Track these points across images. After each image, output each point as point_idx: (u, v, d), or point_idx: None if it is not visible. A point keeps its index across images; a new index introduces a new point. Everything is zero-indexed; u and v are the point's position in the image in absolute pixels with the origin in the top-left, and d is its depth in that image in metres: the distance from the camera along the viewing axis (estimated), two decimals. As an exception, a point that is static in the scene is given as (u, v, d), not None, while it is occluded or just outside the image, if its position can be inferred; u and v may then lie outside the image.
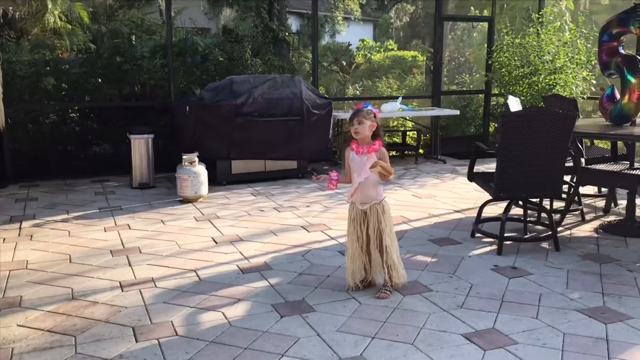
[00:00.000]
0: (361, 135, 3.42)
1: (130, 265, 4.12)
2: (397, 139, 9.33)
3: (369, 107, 3.50)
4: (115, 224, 5.22)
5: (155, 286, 3.72)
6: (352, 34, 17.82)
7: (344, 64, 10.16)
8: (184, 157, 6.06)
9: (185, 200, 6.03)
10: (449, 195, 6.28)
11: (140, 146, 6.73)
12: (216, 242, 4.62)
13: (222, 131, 6.69)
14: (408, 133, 8.96)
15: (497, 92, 9.48)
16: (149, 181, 6.77)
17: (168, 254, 4.34)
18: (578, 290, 3.58)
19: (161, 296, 3.56)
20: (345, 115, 7.88)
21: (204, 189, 6.05)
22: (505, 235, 4.32)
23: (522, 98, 8.60)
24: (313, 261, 4.15)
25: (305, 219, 5.31)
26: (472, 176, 4.64)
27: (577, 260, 4.15)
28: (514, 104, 5.23)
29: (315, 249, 4.43)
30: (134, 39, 9.04)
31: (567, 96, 8.42)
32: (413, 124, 9.15)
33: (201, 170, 6.04)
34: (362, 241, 3.54)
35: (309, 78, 8.74)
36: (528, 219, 4.76)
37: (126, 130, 6.89)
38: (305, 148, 7.11)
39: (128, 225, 5.17)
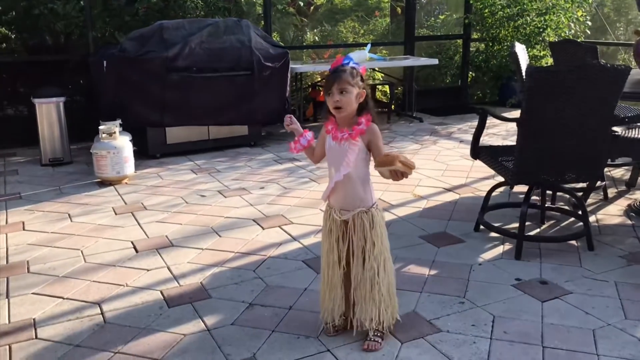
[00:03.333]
0: (345, 111, 2.23)
1: (7, 296, 2.88)
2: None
3: (352, 63, 2.29)
4: (6, 222, 3.93)
5: (35, 337, 2.51)
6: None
7: (302, 4, 8.76)
8: (100, 127, 4.73)
9: (105, 183, 4.74)
10: (434, 165, 5.16)
11: (48, 113, 5.34)
12: (137, 250, 3.40)
13: (152, 92, 5.35)
14: (377, 87, 7.75)
15: (476, 36, 8.31)
16: (62, 156, 5.42)
17: (66, 273, 3.11)
18: (643, 322, 2.54)
19: (40, 359, 2.35)
20: (304, 67, 6.60)
21: (129, 166, 4.76)
22: (526, 233, 3.24)
23: (507, 44, 7.47)
24: (268, 280, 2.99)
25: (259, 207, 4.12)
26: (478, 152, 3.50)
27: (621, 264, 3.11)
28: (523, 55, 4.07)
29: (272, 258, 3.26)
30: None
31: (560, 40, 7.33)
32: (383, 76, 7.93)
33: (124, 144, 4.73)
34: (343, 263, 2.39)
35: (260, 23, 7.35)
36: (539, 204, 3.70)
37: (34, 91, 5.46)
38: (257, 109, 5.84)
39: (22, 223, 3.89)
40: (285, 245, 3.43)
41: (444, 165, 5.14)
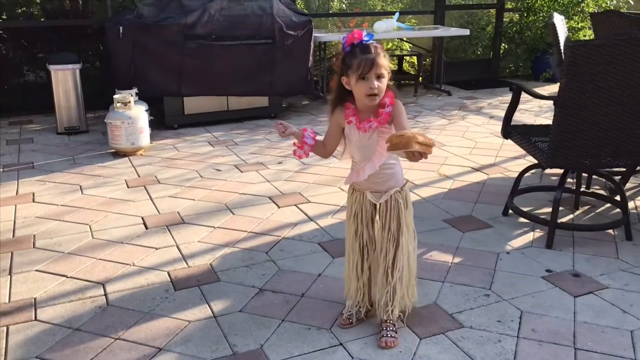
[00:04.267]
0: (379, 98, 2.04)
1: (10, 272, 2.78)
2: (392, 65, 7.82)
3: (372, 40, 2.07)
4: (17, 193, 3.82)
5: (35, 318, 2.40)
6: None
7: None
8: (115, 96, 4.57)
9: (119, 153, 4.61)
10: (462, 142, 4.91)
11: (64, 80, 5.20)
12: (146, 227, 3.27)
13: (169, 60, 5.17)
14: (405, 58, 7.44)
15: (510, 6, 7.91)
16: (78, 125, 5.30)
17: (72, 250, 2.99)
18: (687, 324, 2.32)
19: (36, 343, 2.23)
20: (328, 36, 6.34)
21: (144, 138, 4.61)
22: (559, 220, 3.01)
23: (542, 15, 7.09)
24: (281, 263, 2.83)
25: (275, 183, 3.94)
26: (509, 131, 3.26)
27: (663, 257, 2.87)
28: (561, 26, 3.77)
29: (286, 239, 3.09)
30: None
31: (601, 11, 6.92)
32: (410, 46, 7.61)
33: (139, 114, 4.58)
34: (373, 247, 2.23)
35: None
36: (574, 187, 3.45)
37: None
38: (278, 80, 5.62)
39: (33, 195, 3.78)
40: (301, 225, 3.26)
41: (473, 143, 4.89)
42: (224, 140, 5.05)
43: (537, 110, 5.98)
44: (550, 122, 2.99)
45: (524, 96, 3.32)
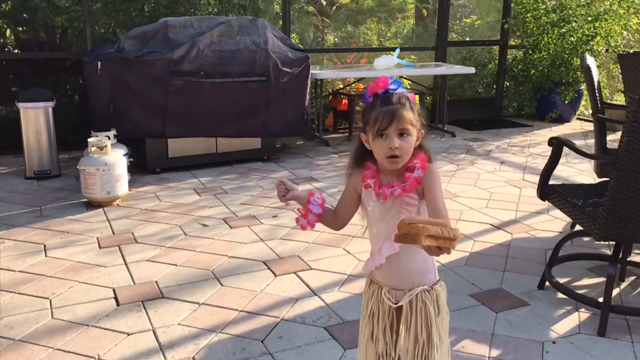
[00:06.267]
0: (403, 161, 1.56)
1: (-58, 368, 2.22)
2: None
3: (401, 88, 1.60)
4: (-32, 254, 3.28)
5: None
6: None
7: (324, 3, 8.07)
8: (90, 139, 4.07)
9: (93, 204, 4.08)
10: (475, 193, 4.45)
11: (35, 118, 4.69)
12: (118, 302, 2.73)
13: (153, 98, 4.69)
14: (405, 96, 7.01)
15: (514, 43, 7.57)
16: (49, 168, 4.77)
17: (25, 335, 2.45)
18: None
19: None
20: (326, 73, 5.92)
21: (122, 186, 4.10)
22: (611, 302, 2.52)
23: (551, 52, 6.75)
24: (281, 357, 2.30)
25: (270, 243, 3.43)
26: (547, 192, 2.79)
27: None
28: (595, 70, 3.35)
29: (285, 321, 2.57)
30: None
31: (604, 50, 6.60)
32: (410, 83, 7.21)
33: (117, 159, 4.07)
34: (394, 357, 1.72)
35: (277, 22, 6.67)
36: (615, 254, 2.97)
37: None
38: (272, 120, 5.16)
39: (-13, 256, 3.24)
40: (302, 302, 2.74)
41: (487, 194, 4.42)
42: (211, 187, 4.55)
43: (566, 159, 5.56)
44: (586, 176, 2.53)
45: (537, 135, 2.86)
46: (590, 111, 7.86)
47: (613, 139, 5.15)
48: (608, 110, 3.83)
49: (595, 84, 3.26)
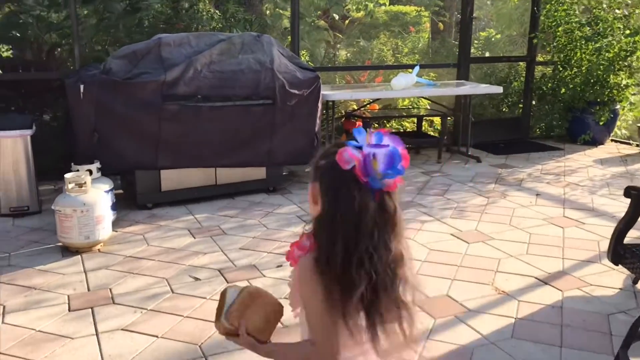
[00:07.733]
0: None
1: None
2: (409, 126, 6.83)
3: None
4: None
5: None
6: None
7: (336, 17, 7.55)
8: (67, 175, 3.53)
9: (70, 249, 3.54)
10: (512, 234, 3.85)
11: (13, 148, 4.17)
12: (78, 394, 2.17)
13: (143, 125, 4.15)
14: (424, 118, 6.46)
15: (542, 59, 6.99)
16: (28, 204, 4.24)
17: None
18: None
19: None
20: (339, 94, 5.39)
21: (103, 229, 3.55)
22: None
23: (583, 69, 6.17)
24: None
25: (273, 305, 2.85)
26: (621, 254, 2.19)
27: None
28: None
29: None
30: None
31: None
32: (430, 103, 6.65)
33: (98, 198, 3.53)
34: None
35: (286, 39, 6.13)
36: None
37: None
38: (278, 147, 4.61)
39: None
40: (311, 394, 2.15)
41: (526, 235, 3.82)
42: (208, 226, 3.99)
43: (590, 186, 4.96)
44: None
45: (567, 161, 2.28)
46: (626, 132, 7.28)
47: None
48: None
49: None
